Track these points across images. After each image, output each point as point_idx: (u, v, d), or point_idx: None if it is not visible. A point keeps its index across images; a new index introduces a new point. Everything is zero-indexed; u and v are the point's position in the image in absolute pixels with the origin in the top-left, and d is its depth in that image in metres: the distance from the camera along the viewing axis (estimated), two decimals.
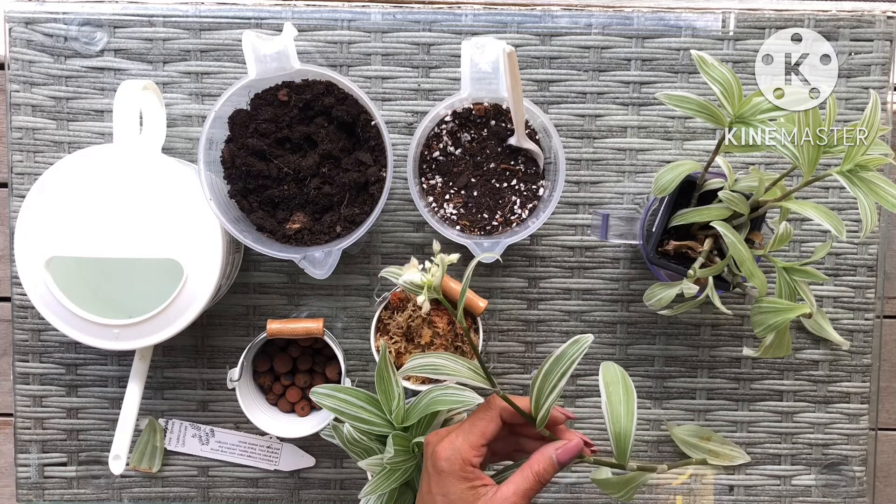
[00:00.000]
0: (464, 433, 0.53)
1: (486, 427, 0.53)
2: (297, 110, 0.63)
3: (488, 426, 0.53)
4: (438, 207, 0.65)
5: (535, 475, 0.51)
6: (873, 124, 0.52)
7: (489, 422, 0.53)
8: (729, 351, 0.72)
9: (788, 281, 0.57)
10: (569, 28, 0.70)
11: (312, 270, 0.61)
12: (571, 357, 0.51)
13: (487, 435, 0.53)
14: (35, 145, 0.70)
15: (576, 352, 0.51)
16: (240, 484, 0.73)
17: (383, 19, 0.70)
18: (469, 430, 0.53)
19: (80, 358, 0.71)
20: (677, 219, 0.60)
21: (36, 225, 0.60)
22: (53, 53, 0.69)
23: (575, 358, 0.51)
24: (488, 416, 0.53)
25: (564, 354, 0.51)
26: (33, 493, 0.72)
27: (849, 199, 0.71)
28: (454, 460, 0.52)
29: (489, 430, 0.53)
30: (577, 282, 0.71)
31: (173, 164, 0.61)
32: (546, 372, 0.52)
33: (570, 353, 0.51)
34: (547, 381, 0.51)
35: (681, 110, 0.56)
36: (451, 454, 0.52)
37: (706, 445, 0.72)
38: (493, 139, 0.65)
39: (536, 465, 0.52)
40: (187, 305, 0.60)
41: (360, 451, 0.59)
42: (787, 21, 0.69)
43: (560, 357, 0.51)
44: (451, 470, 0.52)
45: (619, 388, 0.51)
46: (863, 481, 0.73)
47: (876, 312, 0.72)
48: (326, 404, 0.58)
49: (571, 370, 0.51)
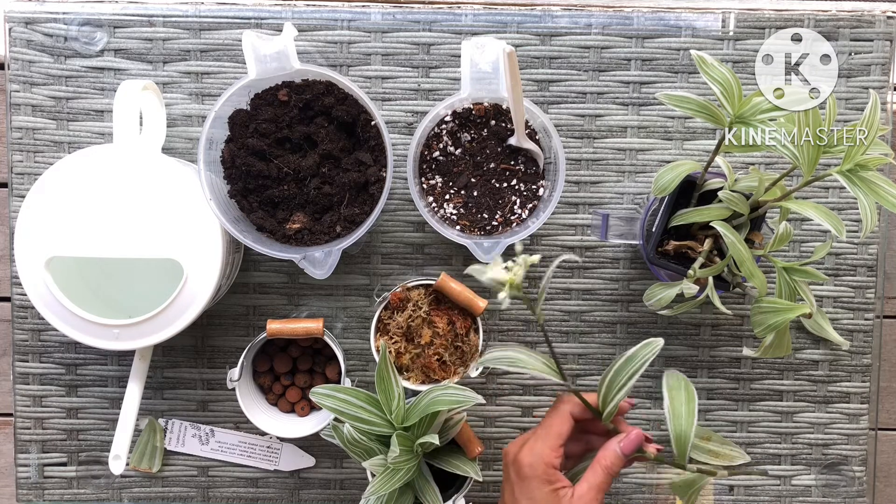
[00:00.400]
0: (541, 438, 0.56)
1: (561, 427, 0.56)
2: (297, 110, 0.63)
3: (563, 426, 0.57)
4: (438, 207, 0.65)
5: (603, 469, 0.55)
6: (873, 124, 0.52)
7: (563, 422, 0.57)
8: (729, 351, 0.72)
9: (788, 281, 0.57)
10: (569, 28, 0.70)
11: (312, 270, 0.61)
12: (643, 358, 0.54)
13: (563, 435, 0.56)
14: (35, 145, 0.70)
15: (648, 353, 0.54)
16: (240, 484, 0.73)
17: (383, 19, 0.70)
18: (546, 434, 0.56)
19: (80, 358, 0.71)
20: (677, 219, 0.60)
21: (36, 225, 0.60)
22: (53, 53, 0.69)
23: (647, 359, 0.54)
24: (561, 416, 0.57)
25: (636, 355, 0.54)
26: (33, 493, 0.72)
27: (849, 199, 0.71)
28: (537, 465, 0.55)
29: (564, 430, 0.56)
30: (577, 282, 0.71)
31: (173, 164, 0.61)
32: (616, 370, 0.55)
33: (642, 354, 0.54)
34: (617, 378, 0.55)
35: (681, 110, 0.56)
36: (533, 460, 0.55)
37: (706, 445, 0.71)
38: (493, 139, 0.65)
39: (604, 459, 0.56)
40: (187, 305, 0.60)
41: (360, 451, 0.59)
42: (787, 21, 0.69)
43: (631, 357, 0.54)
44: (534, 475, 0.55)
45: (682, 393, 0.55)
46: (863, 481, 0.73)
47: (876, 312, 0.72)
48: (326, 404, 0.58)
49: (642, 371, 0.54)
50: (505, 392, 0.72)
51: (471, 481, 0.64)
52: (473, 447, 0.63)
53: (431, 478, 0.62)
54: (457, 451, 0.64)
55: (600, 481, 0.55)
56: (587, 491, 0.55)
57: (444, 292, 0.65)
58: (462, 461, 0.62)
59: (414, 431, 0.58)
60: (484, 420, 0.73)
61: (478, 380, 0.71)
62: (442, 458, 0.62)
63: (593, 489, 0.55)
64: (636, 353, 0.54)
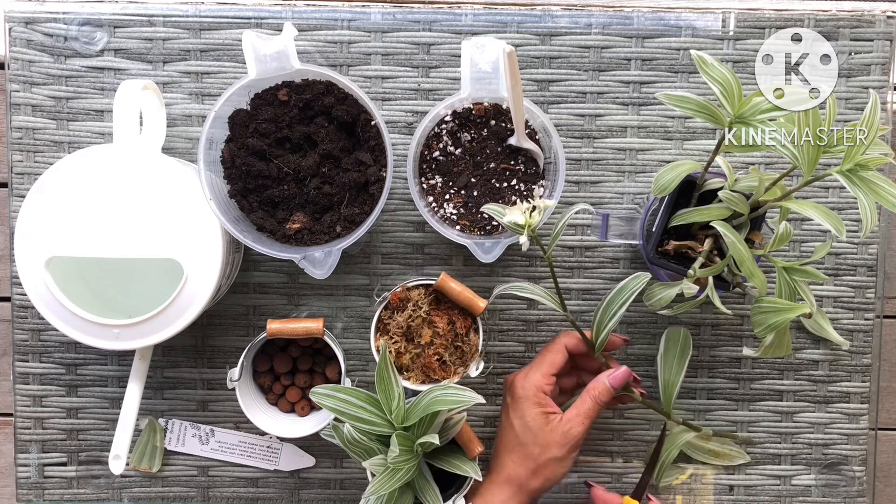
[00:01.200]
0: (535, 366, 0.63)
1: (555, 358, 0.63)
2: (297, 110, 0.63)
3: (556, 357, 0.63)
4: (438, 207, 0.65)
5: (592, 399, 0.61)
6: (873, 124, 0.52)
7: (556, 353, 0.63)
8: (729, 351, 0.72)
9: (788, 281, 0.57)
10: (569, 28, 0.70)
11: (312, 270, 0.61)
12: (632, 289, 0.59)
13: (556, 364, 0.63)
14: (35, 145, 0.70)
15: (636, 284, 0.59)
16: (240, 484, 0.73)
17: (383, 19, 0.70)
18: (540, 363, 0.63)
19: (80, 358, 0.71)
20: (677, 219, 0.60)
21: (36, 225, 0.60)
22: (53, 53, 0.69)
23: (636, 290, 0.59)
24: (555, 348, 0.63)
25: (626, 287, 0.60)
26: (33, 493, 0.72)
27: (849, 199, 0.71)
28: (528, 388, 0.62)
29: (557, 360, 0.63)
30: (577, 282, 0.71)
31: (173, 164, 0.61)
32: (608, 302, 0.60)
33: (632, 285, 0.60)
34: (609, 308, 0.60)
35: (681, 110, 0.56)
36: (525, 384, 0.62)
37: (706, 445, 0.71)
38: (493, 139, 0.65)
39: (593, 390, 0.62)
40: (187, 305, 0.60)
41: (360, 451, 0.59)
42: (787, 21, 0.69)
43: (622, 289, 0.60)
44: (525, 396, 0.62)
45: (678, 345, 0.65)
46: (863, 481, 0.73)
47: (876, 312, 0.72)
48: (326, 404, 0.58)
49: (630, 301, 0.59)
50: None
51: (471, 481, 0.64)
52: (474, 447, 0.63)
53: (431, 478, 0.62)
54: (457, 451, 0.64)
55: (588, 408, 0.61)
56: (575, 416, 0.61)
57: (444, 292, 0.65)
58: (462, 461, 0.62)
59: (414, 431, 0.58)
60: (484, 420, 0.73)
61: (478, 380, 0.71)
62: (442, 458, 0.62)
63: (581, 415, 0.61)
64: (626, 285, 0.60)
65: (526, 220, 0.56)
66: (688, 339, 0.66)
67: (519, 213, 0.56)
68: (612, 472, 0.73)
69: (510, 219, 0.56)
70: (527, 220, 0.56)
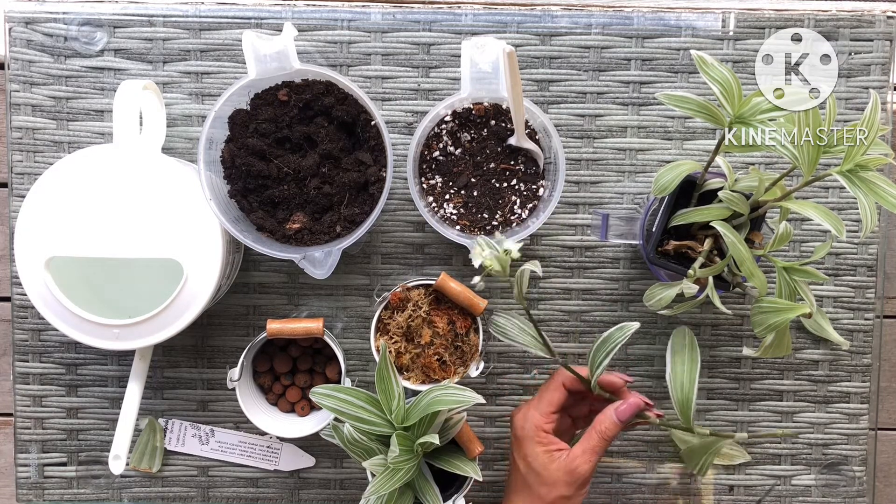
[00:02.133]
0: (534, 405, 0.61)
1: (553, 396, 0.61)
2: (297, 110, 0.63)
3: (554, 395, 0.61)
4: (438, 207, 0.65)
5: (598, 434, 0.59)
6: (873, 124, 0.52)
7: (554, 391, 0.61)
8: (729, 351, 0.72)
9: (788, 281, 0.57)
10: (569, 28, 0.70)
11: (312, 270, 0.61)
12: (616, 340, 0.59)
13: (555, 403, 0.61)
14: (35, 145, 0.70)
15: (621, 336, 0.59)
16: (240, 484, 0.73)
17: (383, 19, 0.70)
18: (539, 401, 0.61)
19: (80, 358, 0.71)
20: (677, 219, 0.60)
21: (36, 225, 0.60)
22: (53, 53, 0.69)
23: (620, 341, 0.59)
24: (553, 386, 0.62)
25: (611, 337, 0.59)
26: (33, 493, 0.72)
27: (849, 199, 0.71)
28: (528, 428, 0.60)
29: (555, 399, 0.61)
30: (577, 282, 0.71)
31: (173, 164, 0.61)
32: (595, 350, 0.60)
33: (616, 337, 0.59)
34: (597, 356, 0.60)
35: (681, 110, 0.56)
36: (525, 423, 0.61)
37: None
38: (493, 139, 0.65)
39: (599, 424, 0.60)
40: (187, 305, 0.60)
41: (360, 451, 0.59)
42: (787, 21, 0.69)
43: (606, 339, 0.59)
44: (525, 436, 0.60)
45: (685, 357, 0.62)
46: (863, 481, 0.73)
47: (876, 312, 0.72)
48: (326, 404, 0.58)
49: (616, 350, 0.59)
50: (505, 392, 0.72)
51: (471, 481, 0.64)
52: (474, 447, 0.63)
53: (431, 478, 0.62)
54: (457, 451, 0.64)
55: (594, 444, 0.59)
56: (581, 453, 0.59)
57: (444, 292, 0.65)
58: (462, 461, 0.62)
59: (414, 431, 0.58)
60: (484, 420, 0.73)
61: (478, 380, 0.71)
62: (442, 458, 0.62)
63: (587, 452, 0.59)
64: (611, 336, 0.60)
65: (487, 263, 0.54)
66: (694, 345, 0.63)
67: (479, 257, 0.54)
68: (612, 472, 0.73)
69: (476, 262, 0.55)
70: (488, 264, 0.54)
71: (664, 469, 0.73)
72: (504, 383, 0.72)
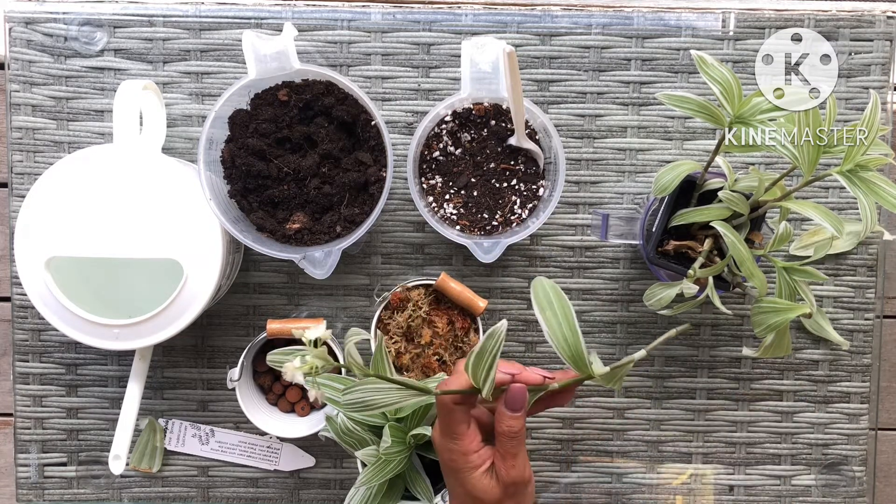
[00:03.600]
0: (447, 434, 0.53)
1: (453, 417, 0.53)
2: (297, 110, 0.63)
3: (453, 416, 0.53)
4: (438, 207, 0.65)
5: (503, 435, 0.52)
6: (873, 124, 0.52)
7: (450, 412, 0.53)
8: (729, 351, 0.72)
9: (788, 281, 0.57)
10: (569, 28, 0.70)
11: (312, 270, 0.61)
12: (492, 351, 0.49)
13: (462, 421, 0.53)
14: (35, 145, 0.70)
15: (493, 345, 0.49)
16: (240, 484, 0.73)
17: (383, 19, 0.70)
18: (447, 430, 0.53)
19: (80, 358, 0.71)
20: (677, 219, 0.60)
21: (36, 225, 0.60)
22: (53, 53, 0.69)
23: (496, 351, 0.49)
24: (445, 410, 0.53)
25: (485, 349, 0.49)
26: (33, 493, 0.72)
27: (849, 198, 0.71)
28: (457, 459, 0.53)
29: (458, 418, 0.53)
30: (577, 282, 0.71)
31: (173, 164, 0.61)
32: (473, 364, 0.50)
33: (489, 346, 0.49)
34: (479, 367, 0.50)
35: (681, 110, 0.56)
36: (450, 455, 0.53)
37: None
38: (493, 139, 0.65)
39: (498, 425, 0.52)
40: (187, 305, 0.60)
41: (352, 441, 0.59)
42: (787, 21, 0.69)
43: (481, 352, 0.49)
44: (458, 468, 0.53)
45: (555, 308, 0.51)
46: (863, 481, 0.73)
47: (876, 312, 0.72)
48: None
49: (496, 362, 0.49)
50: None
51: None
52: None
53: (423, 470, 0.62)
54: None
55: (507, 447, 0.52)
56: (502, 463, 0.52)
57: (444, 292, 0.65)
58: None
59: (407, 423, 0.58)
60: None
61: None
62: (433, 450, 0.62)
63: (506, 458, 0.52)
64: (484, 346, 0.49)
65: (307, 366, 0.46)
66: (558, 293, 0.52)
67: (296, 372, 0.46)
68: (612, 472, 0.73)
69: (292, 379, 0.46)
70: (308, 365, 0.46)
71: (664, 469, 0.73)
72: None
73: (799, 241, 0.70)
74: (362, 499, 0.59)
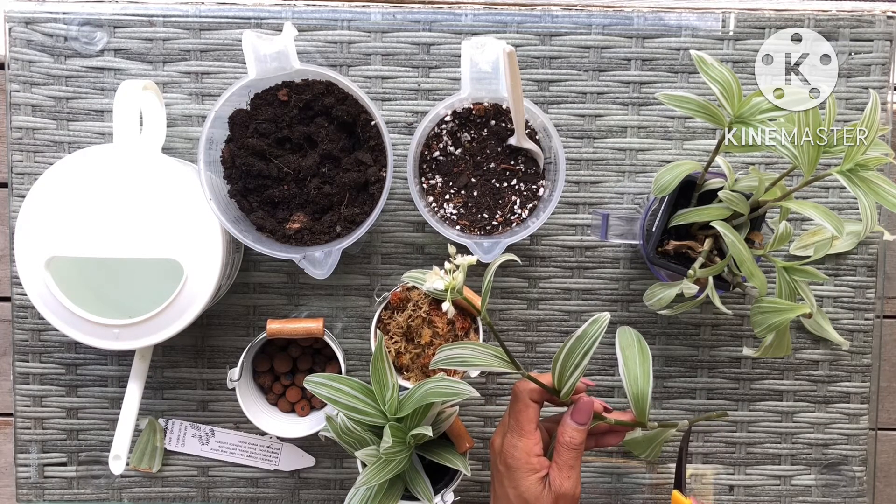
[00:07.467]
0: (515, 430, 0.57)
1: (527, 413, 0.57)
2: (297, 110, 0.63)
3: (527, 411, 0.57)
4: (438, 207, 0.65)
5: (565, 447, 0.56)
6: (873, 124, 0.52)
7: (525, 408, 0.57)
8: (729, 351, 0.72)
9: (788, 281, 0.57)
10: (569, 28, 0.70)
11: (312, 270, 0.61)
12: (593, 336, 0.53)
13: (532, 419, 0.57)
14: (35, 145, 0.70)
15: (596, 331, 0.53)
16: (240, 484, 0.73)
17: (383, 19, 0.70)
18: (517, 425, 0.57)
19: (80, 358, 0.71)
20: (677, 219, 0.60)
21: (36, 225, 0.60)
22: (53, 53, 0.69)
23: (596, 337, 0.53)
24: (521, 404, 0.57)
25: (586, 334, 0.54)
26: (33, 493, 0.72)
27: (849, 198, 0.71)
28: (520, 457, 0.56)
29: (531, 415, 0.57)
30: (577, 282, 0.71)
31: (173, 164, 0.61)
32: (568, 351, 0.54)
33: (591, 332, 0.53)
34: (570, 359, 0.54)
35: (681, 110, 0.56)
36: (516, 453, 0.56)
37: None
38: (493, 139, 0.65)
39: (562, 436, 0.56)
40: (187, 305, 0.60)
41: (352, 441, 0.59)
42: (787, 21, 0.69)
43: (582, 336, 0.54)
44: (517, 466, 0.56)
45: (635, 352, 0.56)
46: (863, 481, 0.73)
47: (876, 312, 0.72)
48: (321, 392, 0.57)
49: (594, 349, 0.53)
50: (505, 392, 0.72)
51: (460, 475, 0.64)
52: (463, 442, 0.63)
53: (423, 470, 0.62)
54: (448, 445, 0.63)
55: (565, 458, 0.56)
56: (557, 473, 0.56)
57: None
58: (453, 455, 0.62)
59: (407, 423, 0.58)
60: (484, 420, 0.73)
61: (478, 380, 0.71)
62: (433, 450, 0.62)
63: (563, 468, 0.56)
64: (586, 332, 0.54)
65: (448, 283, 0.50)
66: (641, 340, 0.57)
67: (438, 279, 0.51)
68: (612, 472, 0.73)
69: (430, 286, 0.51)
70: (449, 284, 0.50)
71: (664, 469, 0.73)
72: (504, 383, 0.72)
73: (799, 241, 0.70)
74: (362, 499, 0.59)
